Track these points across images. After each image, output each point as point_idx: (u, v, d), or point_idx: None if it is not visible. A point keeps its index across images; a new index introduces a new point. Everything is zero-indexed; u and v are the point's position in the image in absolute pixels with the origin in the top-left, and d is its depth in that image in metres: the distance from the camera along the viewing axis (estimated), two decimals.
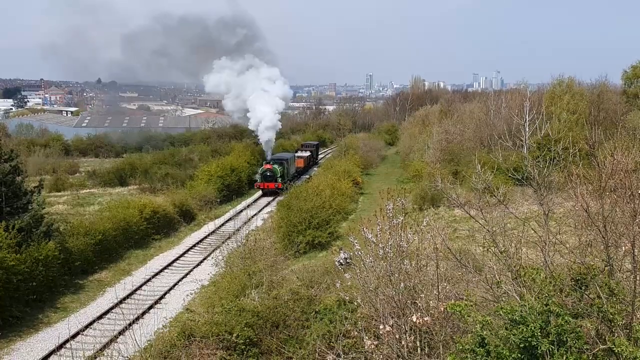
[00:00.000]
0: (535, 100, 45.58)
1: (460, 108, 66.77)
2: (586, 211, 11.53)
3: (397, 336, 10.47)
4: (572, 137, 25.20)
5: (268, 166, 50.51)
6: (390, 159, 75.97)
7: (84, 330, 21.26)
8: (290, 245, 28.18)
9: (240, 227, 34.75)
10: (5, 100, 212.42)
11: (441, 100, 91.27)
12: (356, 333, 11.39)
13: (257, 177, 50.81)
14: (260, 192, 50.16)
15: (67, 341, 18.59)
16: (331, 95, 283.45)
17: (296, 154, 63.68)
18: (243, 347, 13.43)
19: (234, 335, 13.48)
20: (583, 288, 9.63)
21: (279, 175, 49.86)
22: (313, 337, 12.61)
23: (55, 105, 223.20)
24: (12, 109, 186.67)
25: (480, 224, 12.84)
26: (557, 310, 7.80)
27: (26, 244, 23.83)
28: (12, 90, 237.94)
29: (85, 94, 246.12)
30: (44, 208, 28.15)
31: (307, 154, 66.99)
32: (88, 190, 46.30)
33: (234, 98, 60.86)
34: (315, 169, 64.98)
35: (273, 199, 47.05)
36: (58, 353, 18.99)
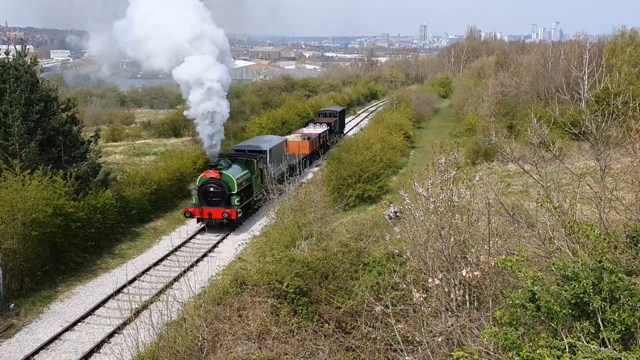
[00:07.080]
0: (595, 52, 43.94)
1: (517, 60, 64.90)
2: None
3: (446, 289, 10.49)
4: (632, 90, 24.38)
5: (212, 173, 27.20)
6: (443, 112, 74.71)
7: (140, 276, 22.00)
8: (340, 198, 28.20)
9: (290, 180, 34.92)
10: (62, 51, 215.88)
11: (497, 52, 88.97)
12: (404, 286, 11.44)
13: (192, 193, 28.10)
14: None
15: (124, 286, 19.26)
16: (384, 47, 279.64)
17: (304, 130, 44.13)
18: (293, 296, 13.66)
19: (284, 284, 13.70)
20: (638, 246, 9.41)
21: (235, 191, 27.23)
22: (362, 289, 12.72)
23: None
24: (69, 59, 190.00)
25: (534, 179, 12.62)
26: (610, 267, 7.66)
27: (84, 192, 24.55)
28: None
29: None
30: (100, 157, 28.82)
31: (322, 129, 44.38)
32: (143, 141, 47.24)
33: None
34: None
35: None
36: (116, 297, 19.72)
